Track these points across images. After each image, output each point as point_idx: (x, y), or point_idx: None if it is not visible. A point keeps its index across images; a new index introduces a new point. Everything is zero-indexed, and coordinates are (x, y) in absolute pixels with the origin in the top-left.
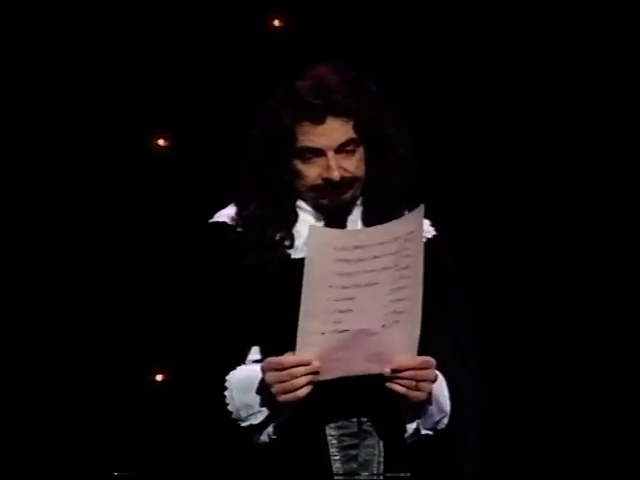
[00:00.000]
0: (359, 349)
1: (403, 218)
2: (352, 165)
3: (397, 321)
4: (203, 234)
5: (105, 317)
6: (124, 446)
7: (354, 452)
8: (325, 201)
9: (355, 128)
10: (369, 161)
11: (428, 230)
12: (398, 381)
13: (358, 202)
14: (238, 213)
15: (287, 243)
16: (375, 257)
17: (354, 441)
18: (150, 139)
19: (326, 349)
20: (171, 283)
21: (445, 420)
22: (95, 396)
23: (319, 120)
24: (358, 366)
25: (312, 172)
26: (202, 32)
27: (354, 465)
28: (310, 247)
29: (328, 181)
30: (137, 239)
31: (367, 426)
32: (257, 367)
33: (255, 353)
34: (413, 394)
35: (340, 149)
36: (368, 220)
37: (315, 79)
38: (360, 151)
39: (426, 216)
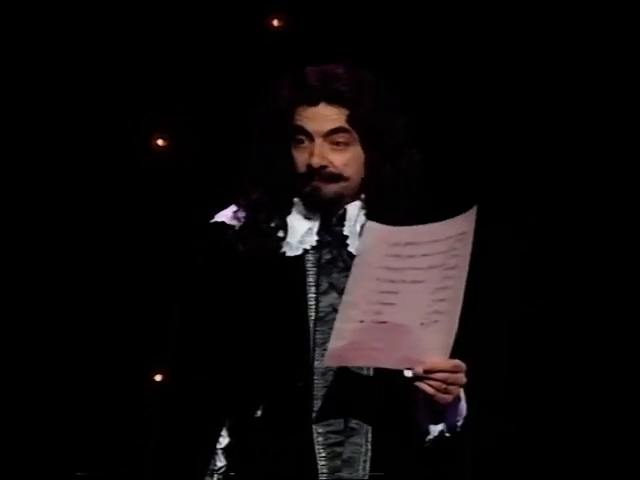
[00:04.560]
0: (394, 344)
1: (457, 218)
2: (340, 160)
3: (436, 321)
4: (203, 235)
5: (103, 317)
6: (122, 445)
7: (339, 449)
8: (307, 191)
9: (350, 121)
10: (368, 164)
11: None
12: (428, 382)
13: (355, 205)
14: (239, 205)
15: (281, 233)
16: (424, 255)
17: (340, 438)
18: (149, 139)
19: (362, 337)
20: (171, 283)
21: (460, 422)
22: (94, 395)
23: (313, 103)
24: (389, 360)
25: (301, 158)
26: (202, 32)
27: (338, 462)
28: (363, 241)
29: (308, 167)
30: (137, 239)
31: (354, 424)
32: None
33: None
34: (441, 396)
35: (329, 138)
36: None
37: (323, 67)
38: (354, 150)
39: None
